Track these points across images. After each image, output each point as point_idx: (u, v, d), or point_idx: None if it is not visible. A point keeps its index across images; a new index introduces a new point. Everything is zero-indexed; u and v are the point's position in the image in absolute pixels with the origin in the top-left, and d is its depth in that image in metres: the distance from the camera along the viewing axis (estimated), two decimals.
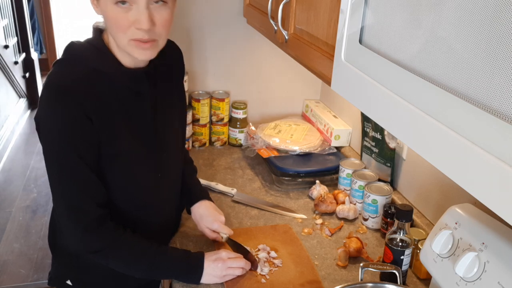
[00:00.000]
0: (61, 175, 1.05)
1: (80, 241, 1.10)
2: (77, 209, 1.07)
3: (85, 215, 1.07)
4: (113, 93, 1.07)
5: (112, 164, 1.10)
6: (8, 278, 2.67)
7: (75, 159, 1.03)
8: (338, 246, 1.36)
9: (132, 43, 1.00)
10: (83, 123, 1.02)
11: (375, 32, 0.76)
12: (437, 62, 0.61)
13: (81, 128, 1.02)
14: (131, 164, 1.13)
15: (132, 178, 1.15)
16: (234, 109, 1.96)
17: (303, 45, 1.20)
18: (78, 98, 1.01)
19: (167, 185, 1.26)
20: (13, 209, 3.30)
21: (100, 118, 1.04)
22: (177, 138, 1.29)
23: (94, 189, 1.08)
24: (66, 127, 1.02)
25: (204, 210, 1.34)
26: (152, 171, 1.19)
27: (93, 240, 1.10)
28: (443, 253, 1.02)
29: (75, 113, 1.01)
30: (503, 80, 0.50)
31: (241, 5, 1.86)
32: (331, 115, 1.93)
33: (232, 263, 1.18)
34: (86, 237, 1.09)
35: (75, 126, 1.02)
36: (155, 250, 1.15)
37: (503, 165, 0.50)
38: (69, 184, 1.06)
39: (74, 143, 1.03)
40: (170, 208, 1.32)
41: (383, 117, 0.76)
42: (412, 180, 1.46)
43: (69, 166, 1.04)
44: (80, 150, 1.03)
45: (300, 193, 1.65)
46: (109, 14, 0.99)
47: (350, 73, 0.85)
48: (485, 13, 0.52)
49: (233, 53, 1.95)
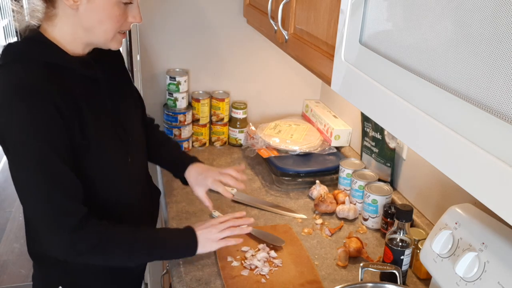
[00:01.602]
0: (41, 179, 0.99)
1: (69, 246, 1.04)
2: (62, 212, 1.01)
3: (71, 217, 1.02)
4: (73, 83, 1.05)
5: (87, 155, 1.06)
6: (8, 278, 2.67)
7: (54, 159, 0.99)
8: (338, 246, 1.36)
9: (118, 35, 1.08)
10: (55, 119, 0.98)
11: (375, 32, 0.76)
12: (437, 62, 0.61)
13: (55, 124, 0.98)
14: (105, 151, 1.11)
15: (110, 166, 1.13)
16: (234, 109, 1.96)
17: (303, 45, 1.20)
18: (44, 94, 0.98)
19: (137, 168, 1.26)
20: (13, 209, 3.30)
21: (69, 110, 1.01)
22: (138, 118, 1.29)
23: (75, 188, 1.03)
24: (40, 127, 0.97)
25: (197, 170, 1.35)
26: (123, 156, 1.17)
27: (82, 241, 1.04)
28: (443, 253, 1.02)
29: (46, 110, 0.97)
30: (503, 80, 0.50)
31: (241, 5, 1.86)
32: (331, 115, 1.93)
33: (222, 225, 1.19)
34: (75, 240, 1.03)
35: (48, 124, 0.98)
36: (146, 233, 1.13)
37: (503, 165, 0.50)
38: (51, 187, 0.99)
39: (51, 142, 0.98)
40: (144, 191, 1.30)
41: (383, 117, 0.76)
42: (412, 180, 1.46)
43: (50, 167, 0.99)
44: (58, 148, 0.99)
45: (300, 193, 1.65)
46: (113, 11, 1.03)
47: (350, 73, 0.85)
48: (485, 13, 0.52)
49: (233, 53, 1.95)
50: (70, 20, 1.04)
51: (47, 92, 0.98)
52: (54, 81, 1.01)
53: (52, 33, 1.06)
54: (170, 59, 1.89)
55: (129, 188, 1.21)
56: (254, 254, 1.29)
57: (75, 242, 1.03)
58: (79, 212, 1.03)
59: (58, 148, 0.99)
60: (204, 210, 1.52)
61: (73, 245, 1.04)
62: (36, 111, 0.97)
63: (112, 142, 1.13)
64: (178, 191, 1.62)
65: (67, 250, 1.05)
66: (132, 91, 1.31)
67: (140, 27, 1.80)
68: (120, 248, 1.09)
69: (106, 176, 1.12)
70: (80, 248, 1.04)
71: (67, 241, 1.03)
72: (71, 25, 1.05)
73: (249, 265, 1.25)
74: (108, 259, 1.11)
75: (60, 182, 1.00)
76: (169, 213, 1.50)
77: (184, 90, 1.86)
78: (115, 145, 1.14)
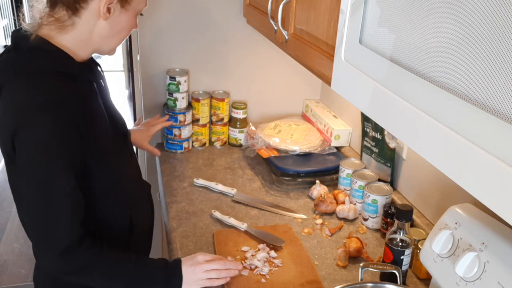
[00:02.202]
0: (44, 201, 0.98)
1: (56, 265, 1.04)
2: (55, 234, 1.00)
3: (64, 240, 1.00)
4: (84, 91, 1.06)
5: (99, 166, 1.07)
6: (8, 278, 2.67)
7: (65, 176, 0.98)
8: (338, 246, 1.36)
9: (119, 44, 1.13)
10: (72, 134, 0.98)
11: (375, 32, 0.76)
12: (437, 62, 0.61)
13: (71, 139, 0.98)
14: (114, 159, 1.12)
15: (120, 174, 1.15)
16: (234, 109, 1.96)
17: (303, 45, 1.20)
18: (66, 108, 0.97)
19: (135, 161, 1.30)
20: (13, 209, 3.30)
21: (85, 122, 1.01)
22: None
23: (79, 207, 1.03)
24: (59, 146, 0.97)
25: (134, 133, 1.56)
26: (127, 159, 1.20)
27: (73, 260, 1.03)
28: (443, 253, 1.02)
29: (66, 124, 0.96)
30: (503, 80, 0.50)
31: (241, 5, 1.86)
32: (331, 115, 1.93)
33: (209, 266, 1.14)
34: (66, 259, 1.02)
35: (66, 139, 0.97)
36: (134, 264, 1.10)
37: (503, 165, 0.50)
38: (52, 209, 0.98)
39: (66, 162, 0.98)
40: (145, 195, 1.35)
41: (383, 117, 0.76)
42: (412, 180, 1.46)
43: (56, 189, 0.98)
44: (70, 168, 0.98)
45: (300, 193, 1.65)
46: (131, 22, 1.11)
47: (350, 73, 0.85)
48: (485, 13, 0.52)
49: (233, 53, 1.95)
50: (88, 28, 1.04)
51: (70, 107, 0.98)
52: (72, 94, 1.01)
53: (61, 40, 1.04)
54: (170, 59, 1.90)
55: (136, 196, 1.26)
56: (254, 254, 1.29)
57: (65, 262, 1.03)
58: (76, 232, 1.02)
59: (70, 168, 0.98)
60: (204, 210, 1.52)
61: (59, 266, 1.04)
62: (59, 129, 0.95)
63: (118, 147, 1.16)
64: (178, 191, 1.62)
65: (53, 269, 1.06)
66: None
67: (140, 27, 1.80)
68: (104, 278, 1.09)
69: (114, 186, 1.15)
70: (69, 268, 1.04)
71: (54, 261, 1.03)
72: (87, 33, 1.05)
73: (249, 265, 1.25)
74: (91, 283, 1.10)
75: (66, 200, 0.99)
76: (169, 213, 1.50)
77: (184, 90, 1.86)
78: (119, 151, 1.17)
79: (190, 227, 1.42)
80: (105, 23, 1.04)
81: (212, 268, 1.14)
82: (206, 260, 1.16)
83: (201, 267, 1.13)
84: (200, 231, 1.41)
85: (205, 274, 1.13)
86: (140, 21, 1.79)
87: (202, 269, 1.13)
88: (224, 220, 1.44)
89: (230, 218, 1.44)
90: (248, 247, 1.32)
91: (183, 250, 1.32)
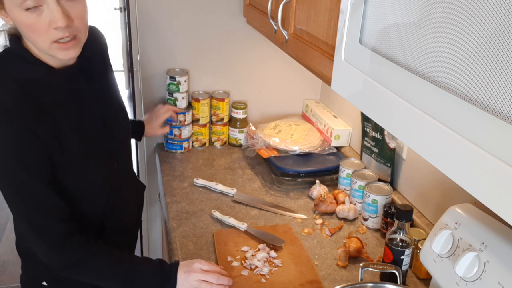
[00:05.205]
0: (17, 198, 1.03)
1: (50, 258, 1.08)
2: (40, 228, 1.05)
3: (49, 233, 1.05)
4: (53, 99, 1.04)
5: (69, 170, 1.08)
6: (8, 278, 2.67)
7: (29, 180, 1.01)
8: (338, 246, 1.36)
9: (54, 45, 0.99)
10: (30, 142, 0.98)
11: (375, 32, 0.76)
12: (437, 62, 0.61)
13: (30, 147, 0.99)
14: (87, 164, 1.12)
15: (93, 177, 1.14)
16: (234, 109, 1.96)
17: (303, 45, 1.20)
18: (21, 117, 0.97)
19: (123, 169, 1.29)
20: None
21: (46, 130, 1.01)
22: (126, 121, 1.31)
23: (53, 205, 1.05)
24: (14, 149, 0.98)
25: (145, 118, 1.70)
26: (108, 163, 1.19)
27: (62, 256, 1.07)
28: (443, 253, 1.02)
29: (21, 133, 0.97)
30: (503, 80, 0.50)
31: (241, 5, 1.86)
32: (331, 115, 1.93)
33: (202, 276, 1.13)
34: (54, 255, 1.07)
35: (23, 147, 0.98)
36: (128, 262, 1.11)
37: (503, 165, 0.50)
38: (27, 205, 1.03)
39: (25, 164, 0.99)
40: (132, 196, 1.35)
41: (383, 117, 0.76)
42: (412, 180, 1.46)
43: (24, 188, 1.01)
44: (33, 169, 1.01)
45: (300, 193, 1.65)
46: (23, 21, 0.96)
47: (350, 73, 0.85)
48: (485, 13, 0.52)
49: (233, 53, 1.95)
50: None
51: (25, 117, 0.98)
52: (34, 103, 1.00)
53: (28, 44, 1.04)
54: (170, 59, 1.89)
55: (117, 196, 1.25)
56: (254, 254, 1.29)
57: (54, 257, 1.08)
58: (57, 228, 1.06)
59: (37, 173, 1.01)
60: (204, 210, 1.52)
61: (52, 260, 1.08)
62: (12, 135, 0.97)
63: (96, 153, 1.15)
64: (178, 191, 1.62)
65: (47, 262, 1.10)
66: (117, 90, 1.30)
67: (140, 27, 1.81)
68: (96, 274, 1.11)
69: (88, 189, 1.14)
70: (59, 263, 1.08)
71: (46, 255, 1.08)
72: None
73: (249, 265, 1.25)
74: (84, 279, 1.12)
75: (35, 201, 1.03)
76: (169, 213, 1.50)
77: (184, 90, 1.86)
78: (99, 156, 1.16)
79: (190, 227, 1.42)
80: (19, 27, 1.00)
81: (205, 279, 1.13)
82: (202, 269, 1.14)
83: (195, 276, 1.12)
84: (200, 231, 1.41)
85: (197, 283, 1.12)
86: (140, 21, 1.80)
87: (196, 277, 1.12)
88: (224, 220, 1.44)
89: (230, 218, 1.44)
90: (248, 247, 1.32)
91: (183, 250, 1.32)
